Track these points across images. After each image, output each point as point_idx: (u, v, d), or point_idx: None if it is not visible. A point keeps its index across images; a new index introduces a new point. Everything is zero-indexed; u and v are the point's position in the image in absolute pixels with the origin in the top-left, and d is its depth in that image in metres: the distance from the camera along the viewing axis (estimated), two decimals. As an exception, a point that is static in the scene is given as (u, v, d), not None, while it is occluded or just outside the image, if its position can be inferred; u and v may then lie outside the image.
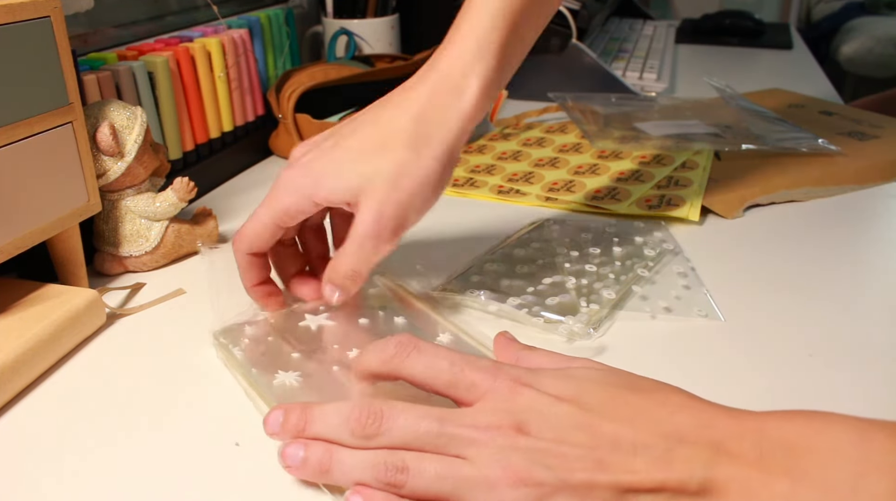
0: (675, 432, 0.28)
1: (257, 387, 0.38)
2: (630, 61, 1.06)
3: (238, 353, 0.41)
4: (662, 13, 1.91)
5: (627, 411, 0.29)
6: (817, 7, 2.52)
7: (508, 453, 0.28)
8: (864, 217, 0.60)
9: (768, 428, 0.28)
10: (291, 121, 0.72)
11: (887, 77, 2.11)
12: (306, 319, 0.44)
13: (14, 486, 0.33)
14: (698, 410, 0.29)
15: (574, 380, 0.31)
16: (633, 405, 0.29)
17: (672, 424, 0.28)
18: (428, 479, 0.29)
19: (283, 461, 0.32)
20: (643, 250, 0.52)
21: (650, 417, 0.29)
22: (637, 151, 0.71)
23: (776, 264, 0.52)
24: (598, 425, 0.29)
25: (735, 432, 0.28)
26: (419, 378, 0.32)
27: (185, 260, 0.54)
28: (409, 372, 0.32)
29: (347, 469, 0.30)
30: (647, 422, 0.29)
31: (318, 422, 0.31)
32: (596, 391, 0.30)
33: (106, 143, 0.48)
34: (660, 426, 0.28)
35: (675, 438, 0.28)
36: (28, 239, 0.43)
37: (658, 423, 0.29)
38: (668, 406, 0.29)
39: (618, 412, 0.29)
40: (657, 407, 0.29)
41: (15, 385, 0.39)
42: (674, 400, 0.30)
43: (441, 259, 0.52)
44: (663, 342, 0.43)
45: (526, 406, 0.30)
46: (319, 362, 0.40)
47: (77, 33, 0.61)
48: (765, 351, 0.42)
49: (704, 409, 0.29)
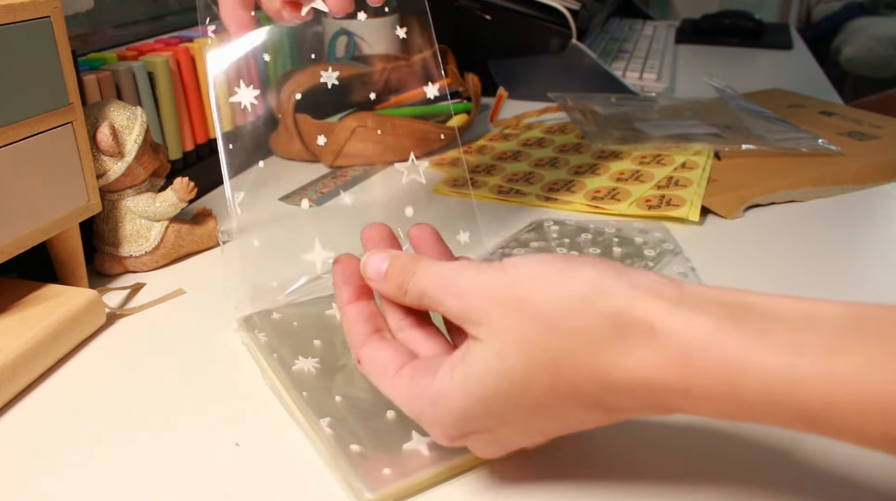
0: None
1: (276, 371, 0.39)
2: (630, 61, 1.06)
3: (263, 338, 0.42)
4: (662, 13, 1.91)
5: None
6: (817, 7, 2.52)
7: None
8: (864, 217, 0.60)
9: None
10: (291, 121, 0.72)
11: (887, 77, 2.11)
12: (333, 308, 0.45)
13: (14, 486, 0.33)
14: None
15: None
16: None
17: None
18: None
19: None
20: (643, 250, 0.52)
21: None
22: (637, 151, 0.71)
23: (776, 264, 0.52)
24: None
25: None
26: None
27: (185, 260, 0.54)
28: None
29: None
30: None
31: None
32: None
33: (106, 143, 0.48)
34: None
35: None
36: (28, 239, 0.43)
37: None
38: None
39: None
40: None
41: (15, 385, 0.39)
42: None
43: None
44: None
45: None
46: (340, 350, 0.41)
47: (77, 33, 0.61)
48: (765, 351, 0.42)
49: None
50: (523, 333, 0.27)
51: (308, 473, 0.33)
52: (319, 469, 0.33)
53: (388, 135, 0.70)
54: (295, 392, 0.37)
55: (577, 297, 0.27)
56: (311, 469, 0.34)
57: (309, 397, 0.37)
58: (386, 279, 0.32)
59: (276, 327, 0.43)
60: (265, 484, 0.33)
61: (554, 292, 0.27)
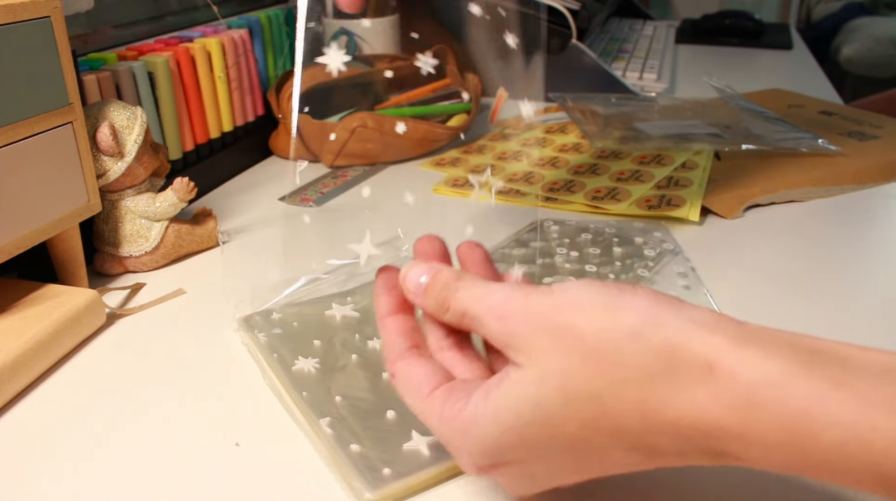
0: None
1: (276, 371, 0.39)
2: (630, 61, 1.06)
3: (263, 338, 0.42)
4: (662, 13, 1.91)
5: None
6: (817, 7, 2.51)
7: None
8: (864, 217, 0.60)
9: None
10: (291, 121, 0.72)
11: (887, 77, 2.11)
12: (332, 308, 0.45)
13: (14, 486, 0.33)
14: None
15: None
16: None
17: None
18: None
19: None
20: (643, 250, 0.52)
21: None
22: (637, 151, 0.71)
23: (776, 264, 0.52)
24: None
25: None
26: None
27: (185, 260, 0.54)
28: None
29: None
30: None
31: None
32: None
33: (106, 143, 0.48)
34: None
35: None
36: (28, 239, 0.43)
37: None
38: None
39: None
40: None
41: (15, 385, 0.39)
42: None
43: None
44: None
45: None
46: (340, 350, 0.41)
47: (77, 33, 0.61)
48: (765, 351, 0.42)
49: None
50: (566, 362, 0.25)
51: (308, 473, 0.33)
52: (319, 469, 0.33)
53: (387, 135, 0.70)
54: (295, 392, 0.37)
55: (627, 328, 0.25)
56: (311, 469, 0.34)
57: (309, 397, 0.37)
58: (426, 294, 0.31)
59: (276, 327, 0.43)
60: (265, 484, 0.33)
61: (602, 321, 0.25)
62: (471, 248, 0.35)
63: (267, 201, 0.65)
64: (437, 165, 0.73)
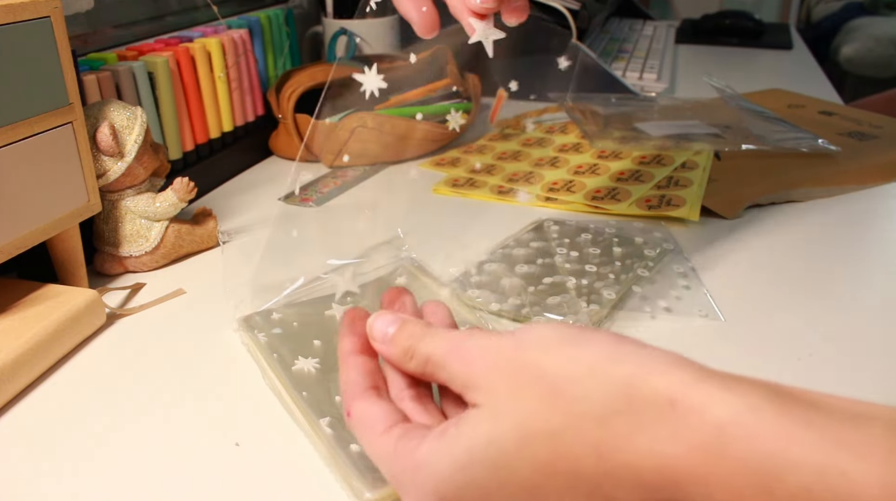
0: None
1: (276, 371, 0.39)
2: (630, 61, 1.06)
3: (263, 338, 0.42)
4: (662, 13, 1.91)
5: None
6: (817, 7, 2.51)
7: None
8: (864, 217, 0.60)
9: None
10: (291, 121, 0.72)
11: (887, 77, 2.11)
12: (333, 308, 0.45)
13: (14, 486, 0.33)
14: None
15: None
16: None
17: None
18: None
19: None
20: (643, 250, 0.52)
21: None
22: (637, 151, 0.71)
23: (776, 264, 0.52)
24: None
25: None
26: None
27: (185, 260, 0.54)
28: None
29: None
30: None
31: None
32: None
33: (106, 143, 0.48)
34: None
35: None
36: (28, 239, 0.43)
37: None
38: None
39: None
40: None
41: (15, 385, 0.39)
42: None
43: (441, 260, 0.52)
44: (663, 342, 0.43)
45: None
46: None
47: (77, 33, 0.61)
48: (765, 351, 0.42)
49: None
50: (524, 399, 0.24)
51: (308, 473, 0.33)
52: (319, 469, 0.33)
53: (388, 135, 0.70)
54: (295, 392, 0.37)
55: (587, 364, 0.24)
56: (311, 469, 0.34)
57: (309, 397, 0.37)
58: (392, 342, 0.30)
59: (276, 327, 0.43)
60: (265, 484, 0.33)
61: (563, 357, 0.25)
62: (436, 307, 0.35)
63: (267, 201, 0.65)
64: (437, 165, 0.73)
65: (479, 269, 0.50)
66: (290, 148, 0.74)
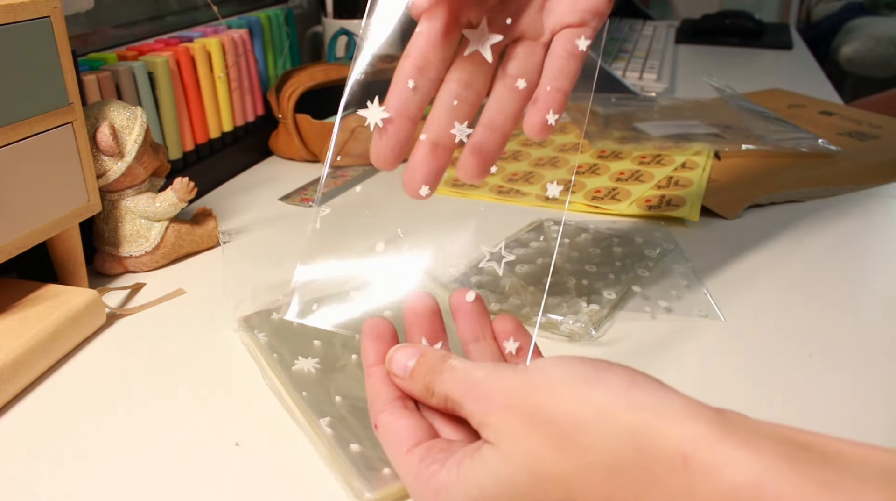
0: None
1: (276, 371, 0.39)
2: (630, 61, 1.06)
3: (262, 338, 0.42)
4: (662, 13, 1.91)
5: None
6: (817, 7, 2.51)
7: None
8: (864, 217, 0.60)
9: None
10: (291, 121, 0.72)
11: (887, 77, 2.11)
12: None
13: (14, 486, 0.33)
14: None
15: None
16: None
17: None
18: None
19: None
20: (643, 250, 0.52)
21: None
22: (637, 151, 0.71)
23: (776, 264, 0.52)
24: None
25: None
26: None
27: (185, 260, 0.54)
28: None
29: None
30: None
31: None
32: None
33: (106, 143, 0.48)
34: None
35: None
36: (28, 239, 0.43)
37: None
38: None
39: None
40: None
41: (15, 385, 0.39)
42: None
43: (441, 260, 0.52)
44: (663, 342, 0.43)
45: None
46: (340, 351, 0.41)
47: (77, 33, 0.61)
48: (765, 351, 0.42)
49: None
50: (534, 442, 0.25)
51: (308, 473, 0.33)
52: (319, 468, 0.33)
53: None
54: (295, 392, 0.37)
55: (595, 407, 0.24)
56: (311, 469, 0.34)
57: (309, 397, 0.37)
58: (413, 378, 0.31)
59: (276, 327, 0.43)
60: (265, 484, 0.33)
61: (573, 400, 0.24)
62: (461, 296, 0.35)
63: (267, 201, 0.65)
64: (437, 165, 0.72)
65: (479, 269, 0.50)
66: (290, 148, 0.74)
